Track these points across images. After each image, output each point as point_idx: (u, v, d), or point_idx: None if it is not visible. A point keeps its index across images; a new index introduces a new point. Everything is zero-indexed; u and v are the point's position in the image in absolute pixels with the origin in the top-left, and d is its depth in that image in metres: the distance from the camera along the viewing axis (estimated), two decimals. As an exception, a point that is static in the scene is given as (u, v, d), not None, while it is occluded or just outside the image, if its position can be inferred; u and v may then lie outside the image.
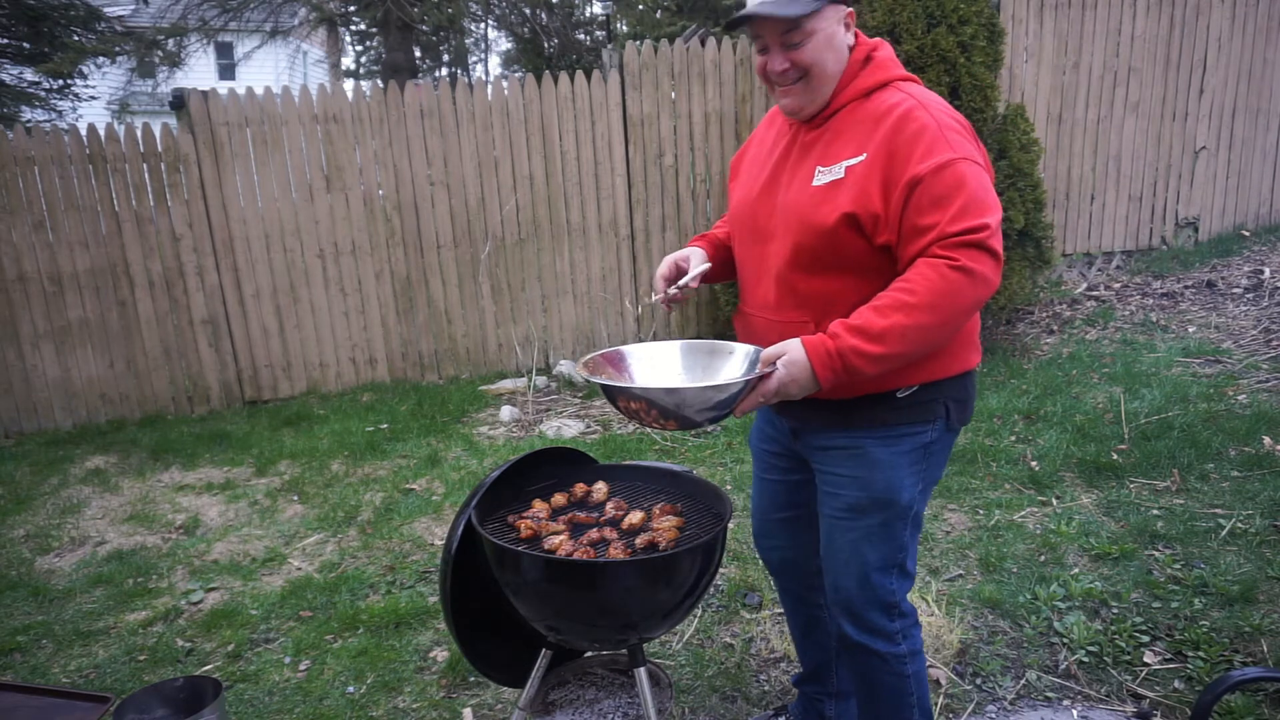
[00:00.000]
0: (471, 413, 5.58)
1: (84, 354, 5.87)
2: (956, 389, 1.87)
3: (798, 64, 1.76)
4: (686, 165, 6.27)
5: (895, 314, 1.63)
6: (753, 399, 1.72)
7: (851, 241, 1.73)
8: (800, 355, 1.68)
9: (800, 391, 1.70)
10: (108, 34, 11.69)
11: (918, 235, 1.66)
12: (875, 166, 1.70)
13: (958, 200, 1.63)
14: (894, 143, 1.68)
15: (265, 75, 14.57)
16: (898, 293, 1.64)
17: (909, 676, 1.96)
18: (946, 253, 1.62)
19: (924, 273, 1.63)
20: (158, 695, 2.36)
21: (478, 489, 2.16)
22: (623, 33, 16.54)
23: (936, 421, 1.86)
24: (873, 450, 1.84)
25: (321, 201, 5.99)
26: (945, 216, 1.63)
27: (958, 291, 1.62)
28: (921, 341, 1.66)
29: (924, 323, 1.63)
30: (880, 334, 1.63)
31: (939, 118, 1.70)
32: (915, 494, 1.88)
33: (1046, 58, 6.46)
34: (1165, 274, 6.70)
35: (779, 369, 1.69)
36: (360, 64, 23.70)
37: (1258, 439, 3.96)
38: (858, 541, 1.88)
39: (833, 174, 1.75)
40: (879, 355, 1.64)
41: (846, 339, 1.65)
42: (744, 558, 3.44)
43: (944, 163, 1.64)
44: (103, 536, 4.17)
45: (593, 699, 2.35)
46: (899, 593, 1.92)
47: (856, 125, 1.76)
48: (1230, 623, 2.77)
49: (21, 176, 5.61)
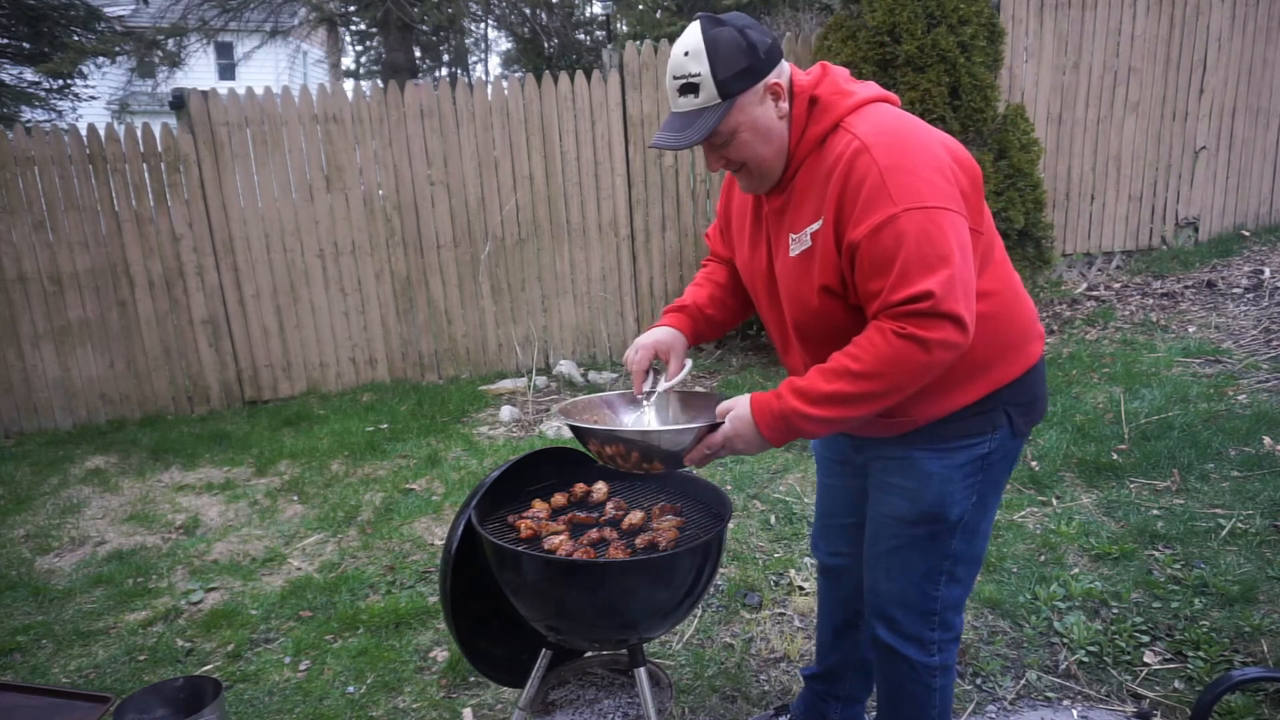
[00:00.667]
0: (471, 413, 5.58)
1: (84, 354, 5.88)
2: (1020, 391, 1.77)
3: (732, 160, 1.72)
4: (686, 165, 6.27)
5: (839, 380, 1.58)
6: (698, 451, 1.71)
7: (836, 309, 1.68)
8: (745, 412, 1.67)
9: (748, 448, 1.69)
10: (108, 34, 11.69)
11: (868, 300, 1.60)
12: (829, 229, 1.63)
13: (895, 265, 1.52)
14: (840, 199, 1.60)
15: (265, 75, 14.57)
16: (845, 358, 1.59)
17: (935, 690, 1.93)
18: (892, 323, 1.54)
19: (871, 338, 1.56)
20: (158, 695, 2.36)
21: (478, 489, 2.16)
22: (623, 33, 16.53)
23: (996, 431, 1.77)
24: (924, 462, 1.78)
25: (321, 201, 5.99)
26: (885, 284, 1.54)
27: (905, 359, 1.53)
28: (872, 406, 1.59)
29: (869, 390, 1.56)
30: (823, 398, 1.59)
31: (885, 158, 1.56)
32: (967, 507, 1.81)
33: (1046, 58, 6.46)
34: (1165, 274, 6.70)
35: (725, 424, 1.68)
36: (360, 64, 23.69)
37: (1258, 439, 3.96)
38: (902, 548, 1.85)
39: (802, 243, 1.70)
40: (823, 419, 1.61)
41: (789, 400, 1.62)
42: (744, 558, 3.44)
43: (880, 223, 1.53)
44: (103, 536, 4.17)
45: (593, 699, 2.35)
46: (943, 601, 1.87)
47: (813, 184, 1.68)
48: (1230, 623, 2.77)
49: (21, 176, 5.61)
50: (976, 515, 1.83)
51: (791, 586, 3.23)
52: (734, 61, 1.61)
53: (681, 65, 1.64)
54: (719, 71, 1.61)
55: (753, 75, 1.63)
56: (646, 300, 6.44)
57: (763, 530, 3.68)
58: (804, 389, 1.61)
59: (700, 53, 1.61)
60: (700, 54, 1.61)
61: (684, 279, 6.44)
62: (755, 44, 1.62)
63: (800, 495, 3.94)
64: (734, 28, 1.62)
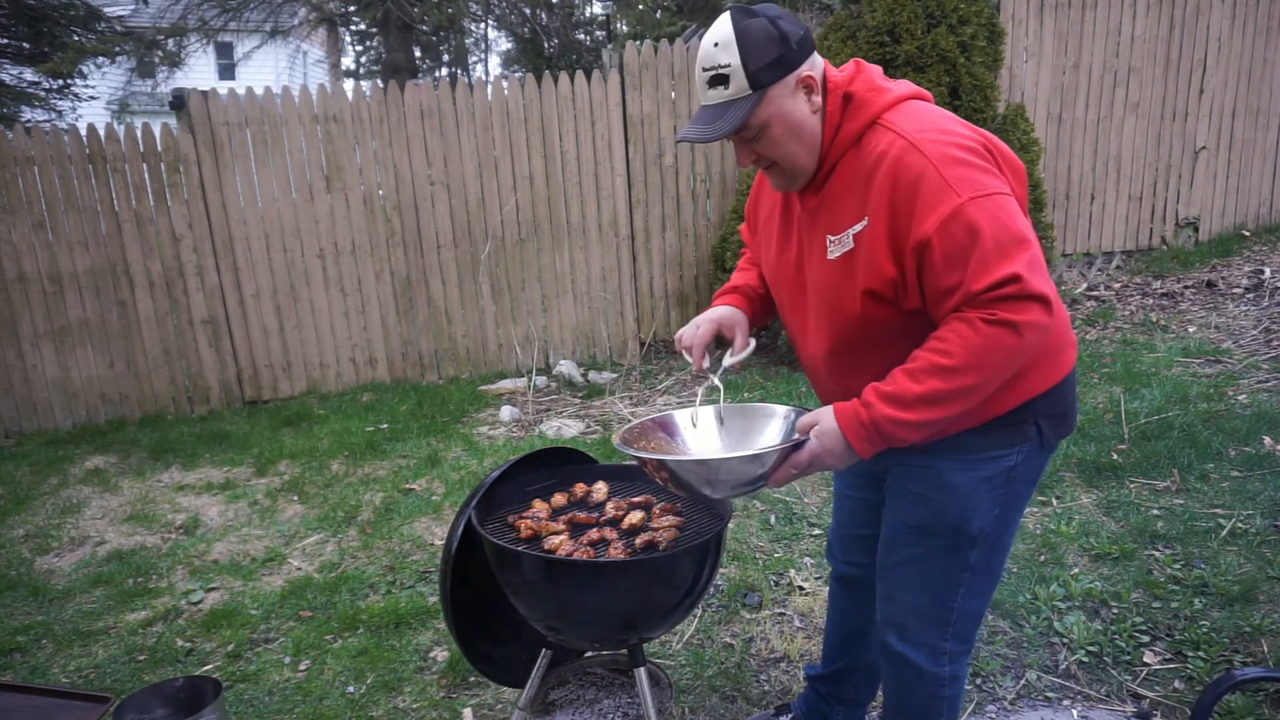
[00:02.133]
0: (471, 413, 5.58)
1: (84, 354, 5.87)
2: (1053, 402, 1.70)
3: (763, 154, 1.67)
4: (686, 165, 6.27)
5: (931, 379, 1.50)
6: (784, 471, 1.61)
7: (883, 315, 1.62)
8: (832, 426, 1.58)
9: (837, 463, 1.60)
10: (108, 34, 11.70)
11: (944, 298, 1.52)
12: (880, 230, 1.56)
13: (973, 255, 1.47)
14: (893, 200, 1.54)
15: (265, 75, 14.58)
16: (932, 355, 1.51)
17: (944, 699, 1.90)
18: (979, 311, 1.48)
19: (956, 330, 1.49)
20: (158, 695, 2.36)
21: (478, 489, 2.16)
22: (623, 33, 16.55)
23: (1025, 444, 1.71)
24: (948, 474, 1.71)
25: (321, 201, 5.99)
26: (964, 276, 1.48)
27: (998, 346, 1.47)
28: (966, 402, 1.53)
29: (964, 385, 1.50)
30: (916, 400, 1.51)
31: (936, 152, 1.52)
32: (989, 521, 1.74)
33: (1046, 58, 6.46)
34: (1165, 274, 6.70)
35: (811, 440, 1.59)
36: (360, 64, 23.72)
37: (1258, 439, 3.96)
38: (918, 558, 1.80)
39: (843, 245, 1.63)
40: (918, 423, 1.52)
41: (880, 409, 1.53)
42: (744, 558, 3.44)
43: (948, 215, 1.48)
44: (102, 536, 4.17)
45: (593, 699, 2.35)
46: (959, 612, 1.82)
47: (853, 183, 1.62)
48: (1230, 623, 2.77)
49: (21, 176, 5.61)
50: (998, 529, 1.77)
51: (791, 586, 3.23)
52: (765, 52, 1.57)
53: (711, 56, 1.60)
54: (750, 62, 1.57)
55: (784, 66, 1.59)
56: (646, 300, 6.44)
57: (763, 530, 3.68)
58: (894, 394, 1.53)
59: (730, 43, 1.57)
60: (730, 44, 1.57)
61: (684, 279, 6.44)
62: (787, 34, 1.58)
63: (800, 495, 3.94)
64: (766, 18, 1.58)
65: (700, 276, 6.42)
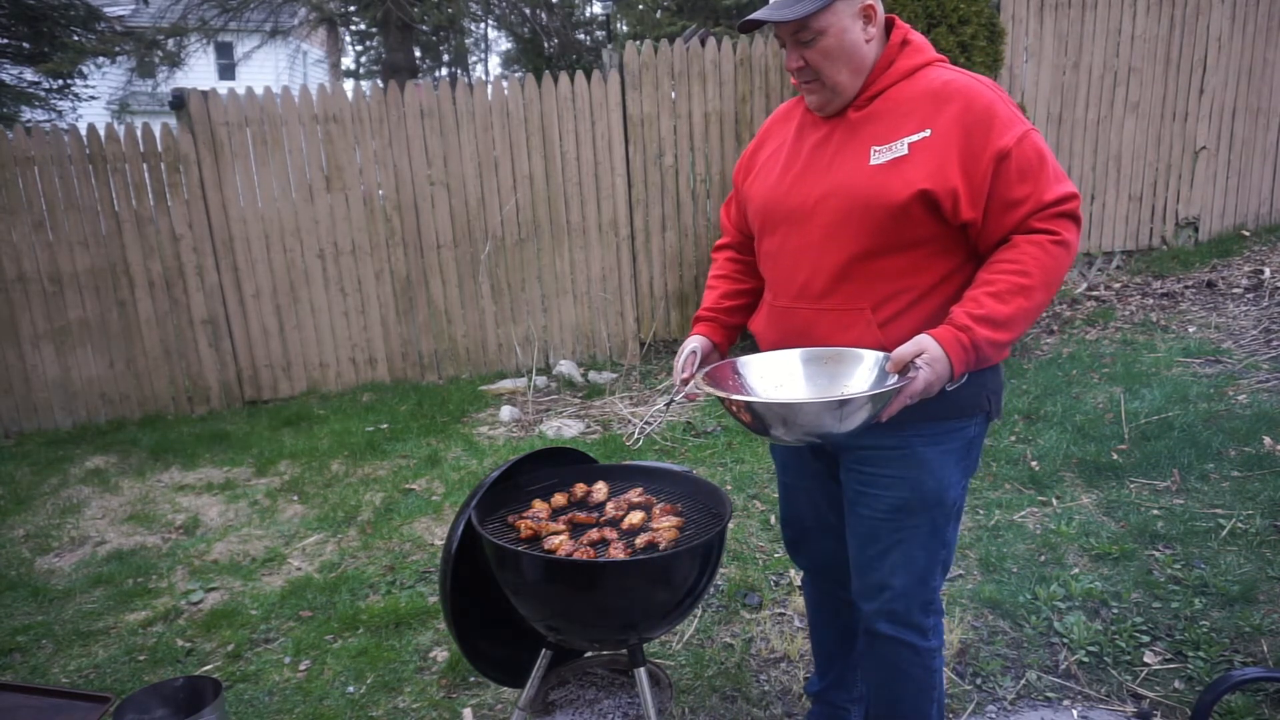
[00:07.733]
0: (471, 413, 5.58)
1: (84, 354, 5.87)
2: (995, 379, 1.87)
3: (810, 62, 1.76)
4: (686, 165, 6.27)
5: (1017, 298, 1.64)
6: (900, 401, 1.67)
7: (921, 220, 1.71)
8: (939, 352, 1.65)
9: (936, 388, 1.68)
10: (108, 34, 11.70)
11: (1011, 208, 1.67)
12: (950, 142, 1.68)
13: (1046, 170, 1.67)
14: (966, 119, 1.68)
15: (265, 75, 14.58)
16: (1013, 276, 1.65)
17: (936, 671, 1.96)
18: (1046, 225, 1.66)
19: (1030, 251, 1.65)
20: (158, 695, 2.36)
21: (478, 489, 2.16)
22: (623, 33, 16.56)
23: (980, 415, 1.85)
24: (921, 450, 1.82)
25: (321, 201, 5.99)
26: (1039, 187, 1.66)
27: (1061, 265, 1.66)
28: (1035, 318, 1.69)
29: (1041, 301, 1.66)
30: (1007, 321, 1.65)
31: (999, 94, 1.73)
32: (959, 491, 1.88)
33: (1046, 58, 6.46)
34: (1165, 274, 6.70)
35: (923, 368, 1.64)
36: (360, 64, 23.71)
37: (1258, 439, 3.96)
38: (906, 542, 1.85)
39: (894, 151, 1.72)
40: (1006, 341, 1.67)
41: (978, 331, 1.64)
42: (744, 558, 3.44)
43: (1023, 135, 1.67)
44: (103, 536, 4.17)
45: (593, 699, 2.35)
46: (936, 586, 1.92)
47: (912, 102, 1.74)
48: (1230, 623, 2.77)
49: (21, 176, 5.61)
50: (962, 499, 1.91)
51: (791, 586, 3.23)
52: None
53: None
54: None
55: None
56: (646, 300, 6.44)
57: (763, 530, 3.68)
58: (988, 316, 1.65)
59: None
60: None
61: (684, 279, 6.44)
62: None
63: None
64: None
65: (700, 276, 6.42)
